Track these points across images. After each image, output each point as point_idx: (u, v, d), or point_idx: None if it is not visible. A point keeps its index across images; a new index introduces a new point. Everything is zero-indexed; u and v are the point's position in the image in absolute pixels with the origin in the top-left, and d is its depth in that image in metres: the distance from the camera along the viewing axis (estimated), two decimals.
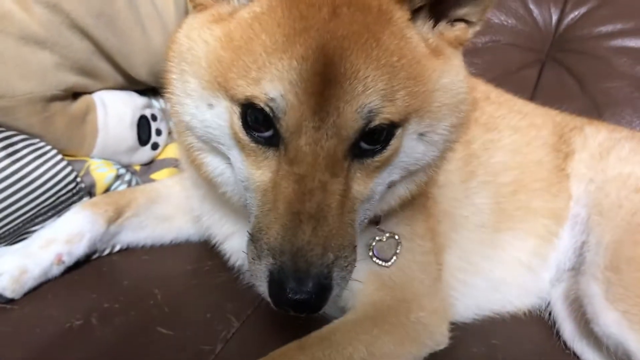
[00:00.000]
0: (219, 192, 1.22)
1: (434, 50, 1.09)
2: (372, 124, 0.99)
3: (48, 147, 1.40)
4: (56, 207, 1.40)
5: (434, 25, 1.10)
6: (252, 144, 1.03)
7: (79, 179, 1.43)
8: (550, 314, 1.50)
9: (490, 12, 1.14)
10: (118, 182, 1.56)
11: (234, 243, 1.36)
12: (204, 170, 1.19)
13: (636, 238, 1.36)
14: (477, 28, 1.13)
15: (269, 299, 1.00)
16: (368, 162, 1.04)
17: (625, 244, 1.36)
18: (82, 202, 1.44)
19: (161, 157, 1.74)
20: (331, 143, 0.98)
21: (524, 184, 1.50)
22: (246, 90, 0.98)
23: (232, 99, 1.01)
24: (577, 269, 1.46)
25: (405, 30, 1.05)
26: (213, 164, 1.17)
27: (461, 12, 1.11)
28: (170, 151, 1.75)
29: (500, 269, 1.48)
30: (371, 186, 1.06)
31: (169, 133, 1.78)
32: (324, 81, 0.96)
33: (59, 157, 1.40)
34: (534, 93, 2.03)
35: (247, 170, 1.06)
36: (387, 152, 1.04)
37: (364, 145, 1.02)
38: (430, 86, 1.05)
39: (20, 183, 1.31)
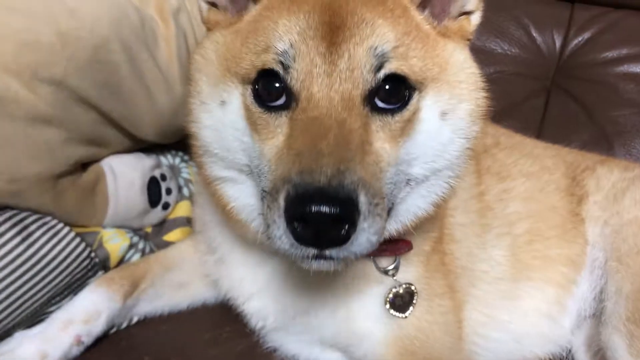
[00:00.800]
0: (239, 225, 1.20)
1: (441, 33, 1.13)
2: (385, 70, 1.00)
3: (60, 226, 1.39)
4: (72, 286, 1.40)
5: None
6: (264, 115, 1.02)
7: (92, 255, 1.43)
8: None
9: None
10: (132, 252, 1.56)
11: (255, 304, 1.35)
12: (224, 202, 1.19)
13: None
14: (478, 16, 1.17)
15: (288, 236, 0.90)
16: (388, 121, 1.02)
17: None
18: (97, 277, 1.43)
19: (172, 216, 1.73)
20: (345, 87, 0.98)
21: (539, 232, 1.49)
22: (256, 61, 1.02)
23: (244, 80, 1.05)
24: (598, 316, 1.45)
25: (407, 6, 1.11)
26: (233, 193, 1.17)
27: (458, 3, 1.15)
28: (182, 209, 1.74)
29: (521, 320, 1.47)
30: (396, 153, 1.02)
31: (179, 190, 1.78)
32: (332, 29, 1.00)
33: (72, 234, 1.39)
34: (542, 124, 2.02)
35: (260, 145, 1.03)
36: (406, 113, 1.03)
37: (380, 103, 1.01)
38: (444, 58, 1.09)
39: (36, 267, 1.31)
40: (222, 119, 1.10)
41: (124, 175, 1.58)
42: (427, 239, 1.33)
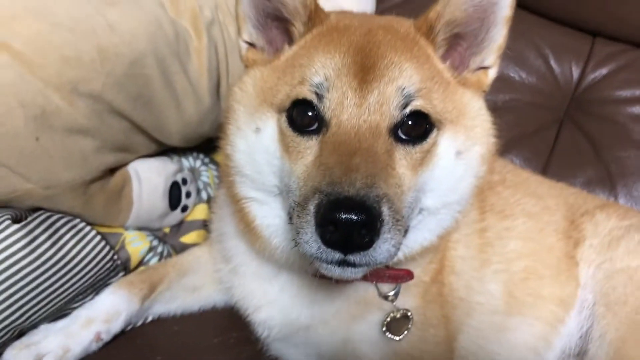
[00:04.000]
0: (260, 242, 1.30)
1: (460, 82, 1.27)
2: (410, 108, 1.13)
3: (88, 229, 1.49)
4: (95, 285, 1.50)
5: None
6: (297, 138, 1.15)
7: (115, 257, 1.53)
8: None
9: (502, 56, 1.29)
10: (151, 254, 1.66)
11: (263, 314, 1.44)
12: (249, 219, 1.30)
13: (639, 337, 1.44)
14: (494, 71, 1.29)
15: (316, 240, 1.01)
16: (409, 151, 1.15)
17: (629, 343, 1.44)
18: (119, 278, 1.54)
19: (190, 218, 1.82)
20: (373, 118, 1.11)
21: (535, 271, 1.57)
22: (292, 92, 1.16)
23: (279, 108, 1.18)
24: (581, 355, 1.54)
25: (431, 55, 1.25)
26: (259, 212, 1.28)
27: (478, 59, 1.27)
28: (199, 212, 1.83)
29: (509, 352, 1.56)
30: (415, 181, 1.15)
31: (198, 192, 1.87)
32: (364, 68, 1.13)
33: (98, 238, 1.49)
34: (550, 157, 2.08)
35: (291, 165, 1.16)
36: (425, 146, 1.16)
37: (403, 135, 1.14)
38: (462, 103, 1.24)
39: (65, 267, 1.41)
40: (256, 144, 1.22)
41: (149, 180, 1.67)
42: (428, 271, 1.42)
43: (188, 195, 1.80)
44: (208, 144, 1.93)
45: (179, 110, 1.68)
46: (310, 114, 1.14)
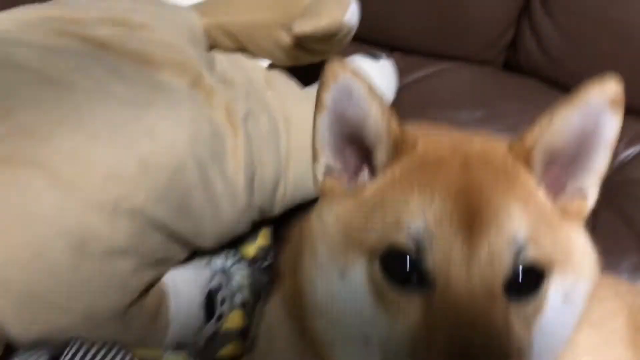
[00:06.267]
0: None
1: (561, 213, 1.09)
2: (522, 259, 0.97)
3: None
4: None
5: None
6: (394, 292, 0.98)
7: None
8: None
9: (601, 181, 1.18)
10: None
11: None
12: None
13: None
14: (594, 192, 1.12)
15: None
16: (522, 307, 0.99)
17: None
18: None
19: (224, 328, 1.68)
20: (486, 275, 0.95)
21: None
22: (383, 237, 0.99)
23: (371, 254, 1.00)
24: None
25: (532, 186, 1.08)
26: (342, 356, 1.11)
27: (576, 184, 1.11)
28: (234, 321, 1.69)
29: None
30: (530, 339, 1.00)
31: (232, 297, 1.73)
32: (467, 213, 0.97)
33: None
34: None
35: (390, 321, 0.99)
36: (538, 300, 1.01)
37: (516, 291, 0.98)
38: (567, 240, 1.07)
39: None
40: (342, 289, 1.05)
41: (186, 294, 1.54)
42: None
43: (222, 302, 1.67)
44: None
45: (217, 213, 1.56)
46: (407, 264, 0.98)
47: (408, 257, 0.97)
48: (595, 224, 2.03)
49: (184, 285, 1.55)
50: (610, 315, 1.58)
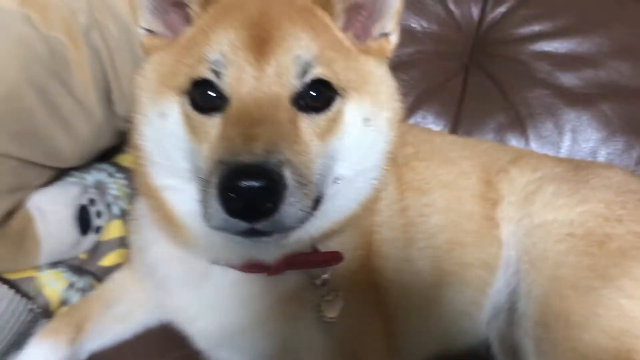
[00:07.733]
0: (180, 232, 1.27)
1: (363, 50, 1.27)
2: (310, 76, 1.14)
3: None
4: (17, 341, 1.42)
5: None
6: (201, 119, 1.14)
7: (32, 307, 1.45)
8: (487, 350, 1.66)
9: (401, 19, 1.31)
10: (72, 292, 1.58)
11: (199, 325, 1.41)
12: (167, 209, 1.26)
13: (562, 292, 1.49)
14: (395, 37, 1.32)
15: (220, 210, 1.00)
16: (314, 119, 1.16)
17: (552, 298, 1.49)
18: (41, 326, 1.46)
19: (105, 238, 1.74)
20: (274, 89, 1.11)
21: (457, 240, 1.60)
22: (191, 73, 1.14)
23: (181, 91, 1.16)
24: (512, 310, 1.60)
25: (330, 25, 1.24)
26: (176, 200, 1.25)
27: (378, 26, 1.29)
28: (114, 230, 1.75)
29: (443, 322, 1.61)
30: (323, 148, 1.15)
31: (108, 208, 1.77)
32: (260, 41, 1.13)
33: (10, 295, 1.40)
34: (460, 107, 2.07)
35: (198, 147, 1.14)
36: (330, 114, 1.17)
37: (306, 104, 1.14)
38: (366, 71, 1.25)
39: None
40: (163, 129, 1.20)
41: (53, 213, 1.57)
42: (355, 258, 1.42)
43: (99, 214, 1.71)
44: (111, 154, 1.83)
45: (70, 132, 1.56)
46: (211, 93, 1.12)
47: (210, 85, 1.11)
48: (465, 86, 2.11)
49: (50, 204, 1.58)
50: (463, 175, 1.69)
